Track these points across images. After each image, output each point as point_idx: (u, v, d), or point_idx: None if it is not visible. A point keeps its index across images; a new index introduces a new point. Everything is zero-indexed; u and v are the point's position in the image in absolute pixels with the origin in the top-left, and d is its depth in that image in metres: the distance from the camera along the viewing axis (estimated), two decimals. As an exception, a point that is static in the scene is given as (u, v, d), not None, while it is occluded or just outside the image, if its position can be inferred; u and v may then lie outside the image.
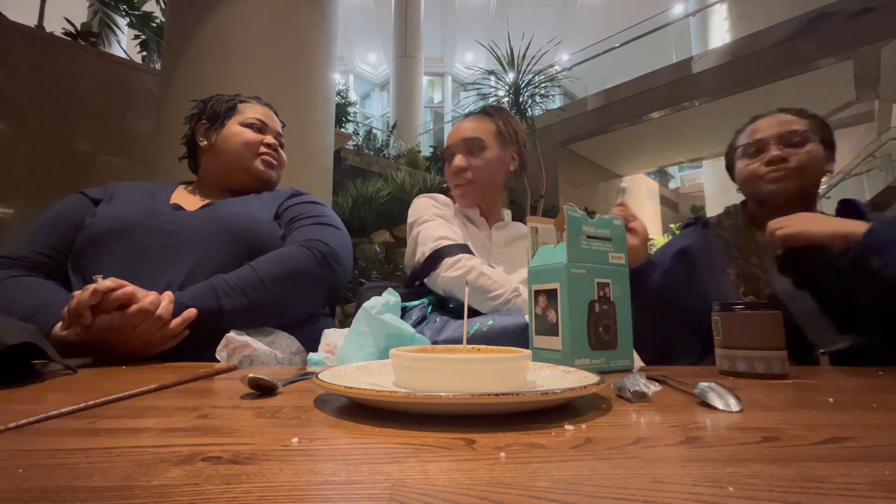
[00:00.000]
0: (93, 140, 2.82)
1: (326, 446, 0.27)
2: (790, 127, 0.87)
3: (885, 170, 7.83)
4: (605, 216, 0.66)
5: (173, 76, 2.13)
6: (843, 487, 0.21)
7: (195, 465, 0.23)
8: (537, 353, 0.61)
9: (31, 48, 2.67)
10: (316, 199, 0.98)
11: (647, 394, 0.39)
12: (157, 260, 0.77)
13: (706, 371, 0.61)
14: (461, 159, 1.04)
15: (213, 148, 0.98)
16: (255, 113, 1.01)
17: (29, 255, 0.78)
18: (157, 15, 4.04)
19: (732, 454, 0.25)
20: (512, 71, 4.34)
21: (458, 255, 0.90)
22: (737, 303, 0.57)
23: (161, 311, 0.65)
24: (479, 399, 0.30)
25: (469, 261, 0.89)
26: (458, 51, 14.20)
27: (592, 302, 0.59)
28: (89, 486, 0.20)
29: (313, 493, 0.20)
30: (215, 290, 0.72)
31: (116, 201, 0.87)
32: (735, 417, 0.34)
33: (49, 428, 0.30)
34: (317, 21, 2.32)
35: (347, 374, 0.41)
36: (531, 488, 0.20)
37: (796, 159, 0.85)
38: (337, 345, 0.67)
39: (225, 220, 0.84)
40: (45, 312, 0.69)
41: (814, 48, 5.25)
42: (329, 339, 0.69)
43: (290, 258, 0.80)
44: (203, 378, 0.49)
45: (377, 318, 0.61)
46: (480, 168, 1.04)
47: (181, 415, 0.34)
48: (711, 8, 8.38)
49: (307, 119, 2.24)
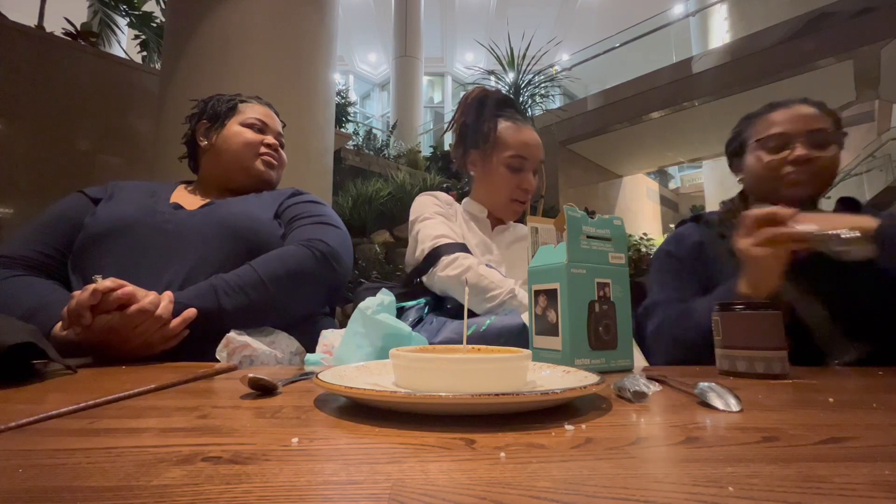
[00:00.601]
0: (93, 140, 2.82)
1: (326, 446, 0.27)
2: (816, 125, 0.80)
3: (885, 170, 7.82)
4: (604, 216, 0.66)
5: (173, 76, 2.13)
6: (843, 487, 0.21)
7: (195, 465, 0.23)
8: (537, 353, 0.61)
9: (31, 48, 2.67)
10: (316, 199, 0.98)
11: (647, 394, 0.39)
12: (156, 259, 0.77)
13: (706, 371, 0.61)
14: (534, 180, 1.04)
15: (213, 148, 0.98)
16: (255, 113, 1.01)
17: (29, 254, 0.78)
18: (157, 15, 4.04)
19: (732, 454, 0.25)
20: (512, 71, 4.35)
21: (456, 254, 0.90)
22: (737, 303, 0.57)
23: (161, 310, 0.65)
24: (479, 399, 0.30)
25: (466, 260, 0.89)
26: (458, 51, 14.20)
27: (592, 302, 0.59)
28: (89, 486, 0.20)
29: (313, 493, 0.20)
30: (215, 289, 0.72)
31: (116, 201, 0.86)
32: (735, 417, 0.34)
33: (49, 428, 0.30)
34: (317, 21, 2.32)
35: (347, 374, 0.41)
36: (531, 488, 0.20)
37: (820, 163, 0.79)
38: (335, 345, 0.67)
39: (225, 219, 0.84)
40: (44, 312, 0.69)
41: (814, 48, 5.26)
42: (326, 339, 0.69)
43: (291, 257, 0.80)
44: (203, 378, 0.49)
45: (373, 319, 0.61)
46: (535, 188, 1.05)
47: (181, 415, 0.34)
48: (711, 8, 8.38)
49: (307, 119, 2.24)
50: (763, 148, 0.83)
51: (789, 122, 0.82)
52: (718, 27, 8.33)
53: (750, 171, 0.87)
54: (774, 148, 0.82)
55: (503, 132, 1.03)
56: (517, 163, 1.01)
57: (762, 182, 0.84)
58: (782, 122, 0.82)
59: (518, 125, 1.04)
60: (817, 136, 0.80)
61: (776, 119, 0.83)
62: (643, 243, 5.42)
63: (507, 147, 1.01)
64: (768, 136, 0.82)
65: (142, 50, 4.16)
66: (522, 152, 1.01)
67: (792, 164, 0.80)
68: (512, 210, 1.05)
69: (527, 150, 1.02)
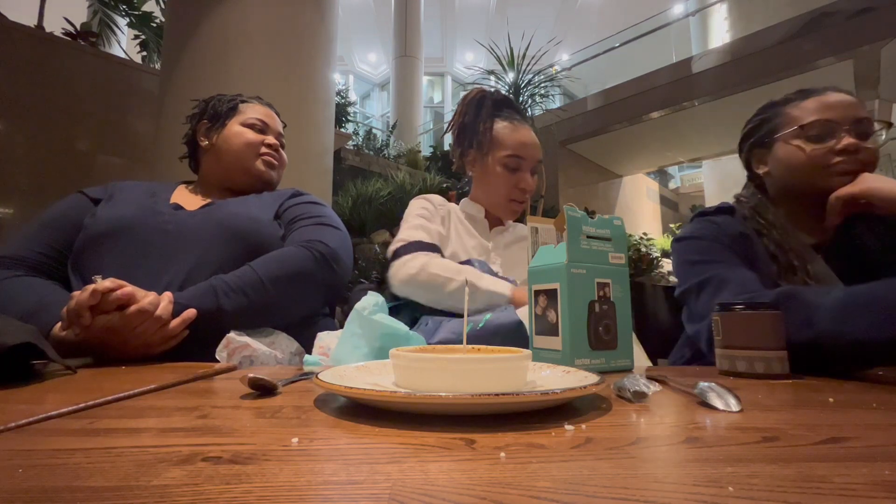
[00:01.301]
0: (93, 140, 2.82)
1: (326, 446, 0.27)
2: (861, 113, 0.75)
3: (885, 170, 7.82)
4: (604, 216, 0.66)
5: (173, 76, 2.13)
6: (843, 487, 0.21)
7: (195, 465, 0.23)
8: (537, 353, 0.61)
9: (31, 48, 2.67)
10: (316, 200, 0.98)
11: (647, 394, 0.39)
12: (156, 260, 0.77)
13: (706, 371, 0.61)
14: (532, 180, 1.04)
15: (213, 148, 0.98)
16: (256, 113, 1.01)
17: (28, 255, 0.78)
18: (157, 15, 4.04)
19: (732, 454, 0.25)
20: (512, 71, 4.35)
21: (411, 255, 0.88)
22: (737, 303, 0.57)
23: (160, 311, 0.65)
24: (479, 399, 0.30)
25: (416, 260, 0.86)
26: (458, 51, 14.19)
27: (592, 302, 0.59)
28: (89, 486, 0.20)
29: (313, 493, 0.20)
30: (215, 290, 0.72)
31: (116, 201, 0.86)
32: (735, 417, 0.34)
33: (49, 428, 0.30)
34: (317, 21, 2.32)
35: (347, 374, 0.41)
36: (531, 488, 0.20)
37: (865, 155, 0.73)
38: (331, 347, 0.67)
39: (225, 220, 0.84)
40: (44, 312, 0.69)
41: (814, 48, 5.25)
42: (322, 341, 0.69)
43: (290, 258, 0.80)
44: (203, 378, 0.49)
45: (370, 319, 0.61)
46: (533, 190, 1.04)
47: (181, 415, 0.34)
48: (711, 8, 8.37)
49: (307, 119, 2.24)
50: (804, 136, 0.77)
51: (832, 109, 0.76)
52: (718, 27, 8.32)
53: (786, 162, 0.80)
54: (819, 137, 0.76)
55: (500, 132, 1.02)
56: (514, 163, 1.01)
57: (804, 174, 0.77)
58: (824, 110, 0.76)
59: (515, 125, 1.04)
60: (864, 125, 0.75)
61: (813, 106, 0.77)
62: (643, 243, 5.42)
63: (503, 147, 1.02)
64: (812, 123, 0.76)
65: (142, 50, 4.17)
66: (519, 152, 1.01)
67: (841, 154, 0.74)
68: (510, 210, 1.05)
69: (524, 150, 1.02)
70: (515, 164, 1.02)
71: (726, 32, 7.90)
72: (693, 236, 0.83)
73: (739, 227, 0.81)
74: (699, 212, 0.90)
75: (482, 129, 1.03)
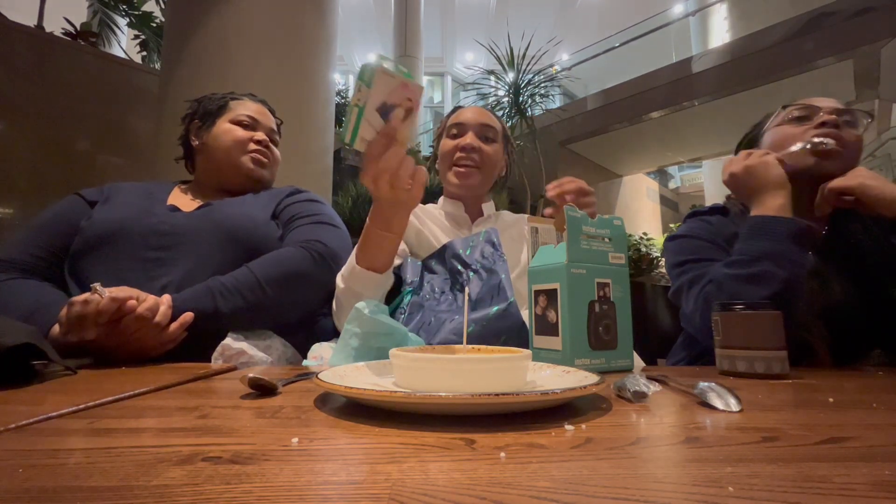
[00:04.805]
0: (93, 140, 2.82)
1: (326, 446, 0.27)
2: (842, 106, 0.78)
3: (885, 170, 7.81)
4: (604, 216, 0.66)
5: (173, 76, 2.13)
6: (843, 487, 0.21)
7: (195, 465, 0.23)
8: (537, 353, 0.61)
9: (31, 48, 2.67)
10: (314, 197, 0.97)
11: (647, 394, 0.39)
12: (153, 262, 0.77)
13: (706, 371, 0.61)
14: (475, 139, 1.00)
15: (204, 147, 0.97)
16: (246, 110, 1.00)
17: (25, 257, 0.78)
18: (157, 15, 4.03)
19: (732, 454, 0.25)
20: (512, 71, 4.34)
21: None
22: (737, 303, 0.57)
23: (159, 317, 0.65)
24: (479, 399, 0.30)
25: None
26: (458, 51, 14.19)
27: (592, 302, 0.59)
28: (89, 486, 0.20)
29: (313, 493, 0.20)
30: (212, 292, 0.71)
31: (112, 203, 0.86)
32: (735, 417, 0.34)
33: (49, 428, 0.30)
34: (317, 21, 2.32)
35: (347, 374, 0.41)
36: (531, 488, 0.20)
37: (847, 134, 0.75)
38: (325, 357, 0.67)
39: (221, 221, 0.83)
40: (41, 315, 0.68)
41: (814, 48, 5.25)
42: (315, 353, 0.69)
43: (288, 259, 0.79)
44: (203, 378, 0.49)
45: (370, 318, 0.61)
46: (490, 157, 1.00)
47: (181, 415, 0.34)
48: (711, 8, 8.37)
49: (307, 119, 2.24)
50: (786, 122, 0.80)
51: (816, 101, 0.80)
52: (718, 27, 8.31)
53: (769, 145, 0.82)
54: (800, 119, 0.79)
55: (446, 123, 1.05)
56: (455, 130, 1.01)
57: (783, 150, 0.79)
58: (812, 101, 0.80)
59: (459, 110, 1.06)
60: (847, 115, 0.77)
61: (805, 101, 0.81)
62: (643, 243, 5.41)
63: (447, 129, 1.03)
64: (796, 106, 0.79)
65: (142, 50, 4.16)
66: (459, 119, 1.02)
67: (818, 127, 0.76)
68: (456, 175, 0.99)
69: (462, 117, 1.02)
70: (458, 130, 1.01)
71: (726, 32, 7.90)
72: (685, 235, 0.85)
73: (732, 226, 0.82)
74: (692, 211, 0.92)
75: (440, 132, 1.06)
